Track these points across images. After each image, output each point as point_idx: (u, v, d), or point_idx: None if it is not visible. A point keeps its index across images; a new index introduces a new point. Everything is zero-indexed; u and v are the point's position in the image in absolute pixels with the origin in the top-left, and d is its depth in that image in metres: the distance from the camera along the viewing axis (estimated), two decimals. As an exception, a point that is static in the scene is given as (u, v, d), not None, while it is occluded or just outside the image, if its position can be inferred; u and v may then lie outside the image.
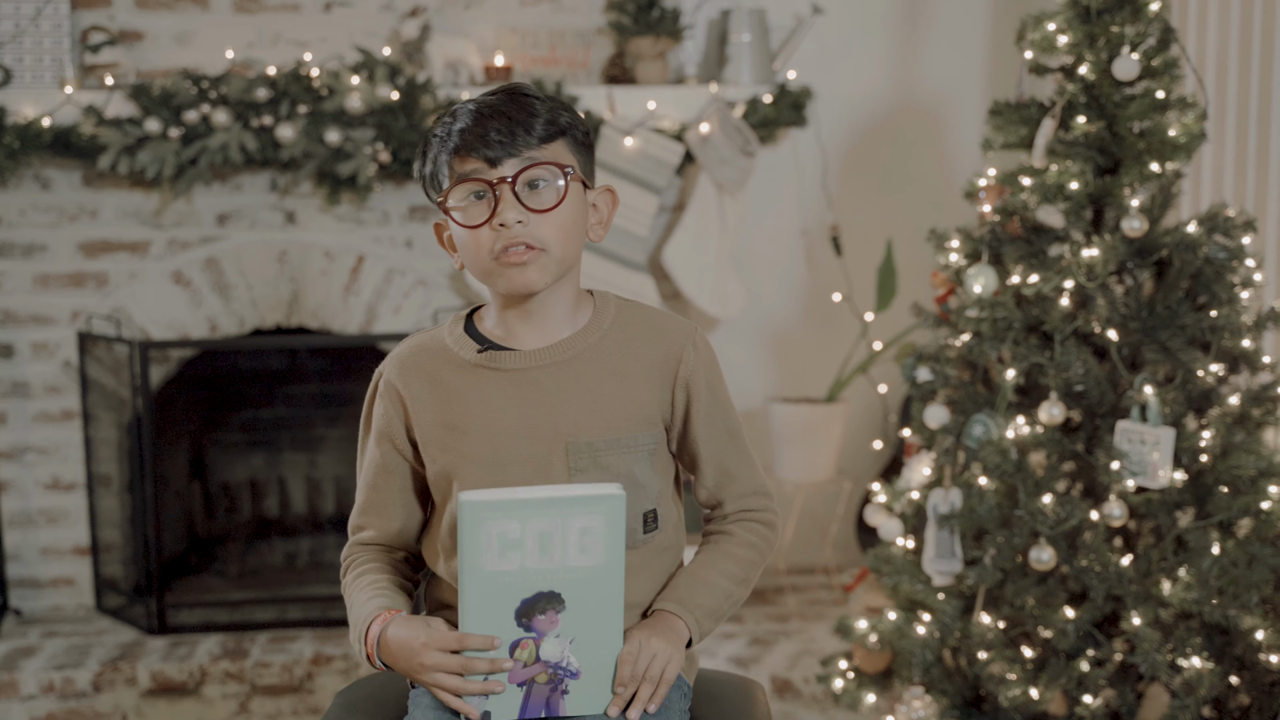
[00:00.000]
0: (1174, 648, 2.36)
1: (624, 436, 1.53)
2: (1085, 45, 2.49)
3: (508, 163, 1.47)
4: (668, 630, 1.52)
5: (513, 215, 1.47)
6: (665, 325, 1.59)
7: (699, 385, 1.57)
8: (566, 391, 1.53)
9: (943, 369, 2.58)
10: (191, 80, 3.19)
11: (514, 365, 1.54)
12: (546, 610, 1.41)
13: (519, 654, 1.42)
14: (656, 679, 1.47)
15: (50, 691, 3.07)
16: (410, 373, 1.57)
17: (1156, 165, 2.46)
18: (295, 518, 3.80)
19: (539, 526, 1.38)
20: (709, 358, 1.59)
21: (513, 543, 1.38)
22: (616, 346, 1.56)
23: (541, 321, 1.55)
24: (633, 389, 1.55)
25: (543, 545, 1.39)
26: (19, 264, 3.39)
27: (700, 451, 1.59)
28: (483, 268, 1.51)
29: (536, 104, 1.50)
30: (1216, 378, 2.45)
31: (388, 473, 1.59)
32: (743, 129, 3.37)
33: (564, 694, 1.45)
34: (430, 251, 3.48)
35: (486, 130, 1.46)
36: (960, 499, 2.50)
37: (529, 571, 1.39)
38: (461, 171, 1.48)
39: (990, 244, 2.56)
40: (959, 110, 3.75)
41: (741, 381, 3.75)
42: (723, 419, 1.60)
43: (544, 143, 1.49)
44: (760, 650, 3.21)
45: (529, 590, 1.40)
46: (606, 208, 1.59)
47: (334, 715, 1.67)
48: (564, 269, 1.52)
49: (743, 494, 1.62)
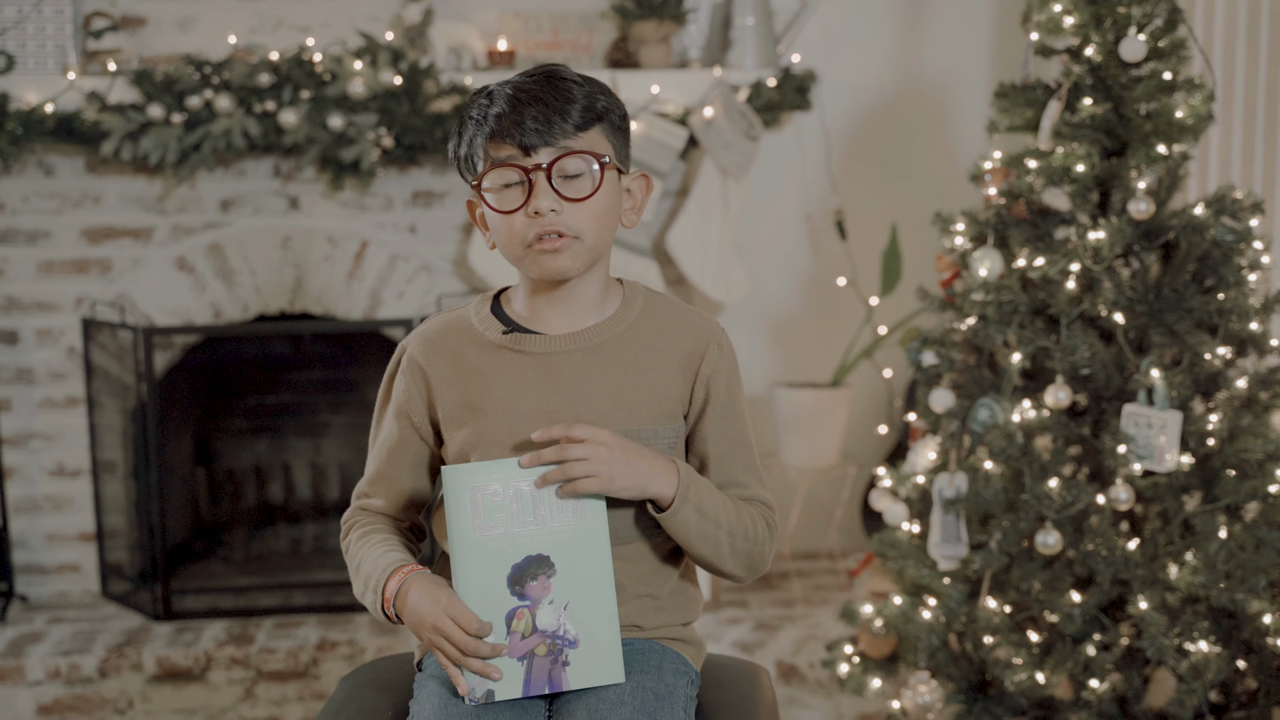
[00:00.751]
0: (1181, 632, 2.36)
1: (644, 429, 1.52)
2: (1091, 26, 2.47)
3: (543, 151, 1.46)
4: (644, 455, 1.47)
5: (547, 204, 1.46)
6: (693, 321, 1.58)
7: (719, 385, 1.56)
8: (589, 379, 1.52)
9: (948, 353, 2.57)
10: (194, 66, 3.18)
11: (538, 349, 1.53)
12: (538, 575, 1.44)
13: (516, 624, 1.44)
14: (571, 465, 1.43)
15: (56, 677, 3.07)
16: (434, 351, 1.57)
17: (1163, 147, 2.44)
18: (300, 503, 3.80)
19: (519, 486, 1.44)
20: (732, 361, 1.58)
21: (496, 505, 1.43)
22: (642, 338, 1.55)
23: (569, 307, 1.55)
24: (656, 381, 1.54)
25: (525, 506, 1.44)
26: (23, 250, 3.39)
27: (710, 453, 1.58)
28: (515, 253, 1.50)
29: (574, 89, 1.49)
30: (1224, 361, 2.44)
31: (402, 449, 1.59)
32: (746, 113, 3.36)
33: (565, 665, 1.46)
34: (434, 237, 3.47)
35: (523, 117, 1.46)
36: (966, 483, 2.49)
37: (515, 535, 1.44)
38: (497, 157, 1.48)
39: (996, 227, 2.55)
40: (964, 93, 3.73)
41: (746, 367, 3.72)
42: (736, 424, 1.58)
43: (580, 130, 1.48)
44: (765, 635, 3.21)
45: (518, 554, 1.44)
46: (641, 193, 1.58)
47: (338, 699, 1.67)
48: (596, 256, 1.52)
49: (747, 500, 1.60)
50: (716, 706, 1.63)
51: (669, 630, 1.59)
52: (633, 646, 1.54)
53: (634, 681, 1.49)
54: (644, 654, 1.54)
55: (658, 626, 1.58)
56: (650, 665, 1.52)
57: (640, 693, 1.47)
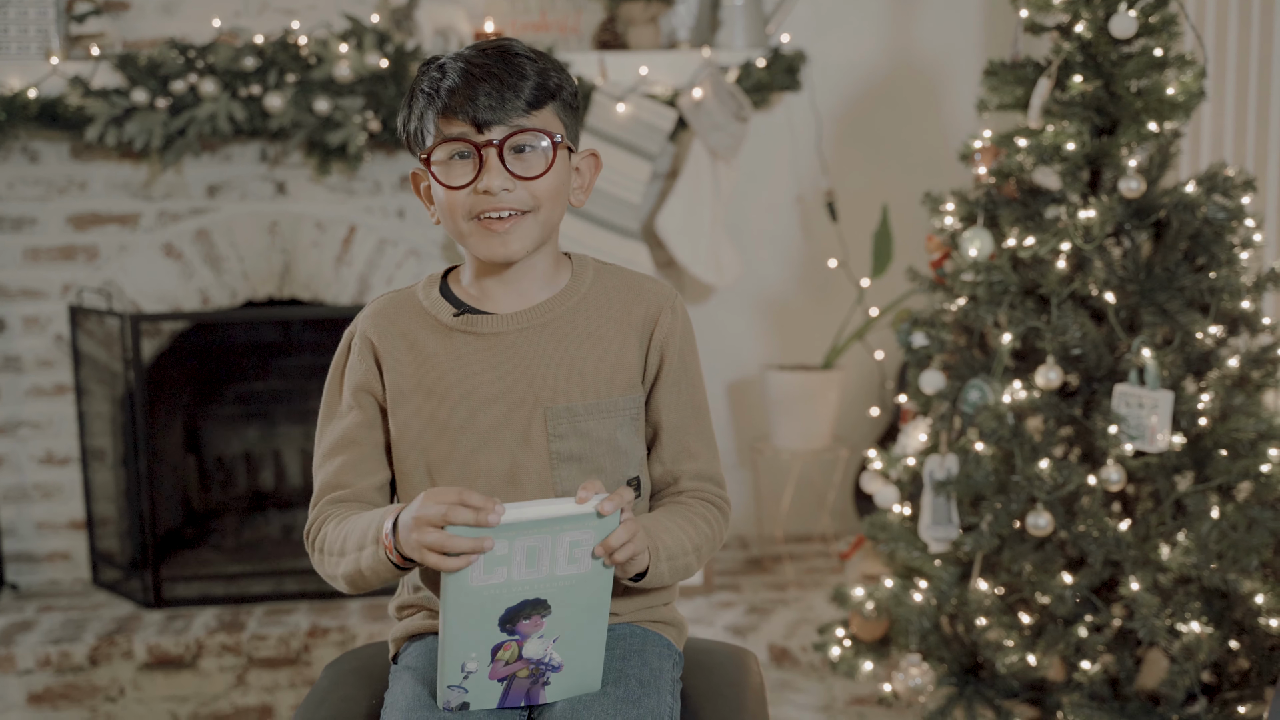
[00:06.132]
0: (1173, 613, 2.35)
1: (604, 401, 1.51)
2: (1082, 3, 2.45)
3: (496, 128, 1.44)
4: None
5: (499, 182, 1.44)
6: (644, 287, 1.57)
7: (672, 350, 1.54)
8: (544, 356, 1.51)
9: (938, 334, 2.55)
10: (178, 50, 3.15)
11: (490, 329, 1.52)
12: (531, 615, 1.37)
13: (502, 654, 1.39)
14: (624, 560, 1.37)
15: (47, 666, 3.06)
16: (386, 331, 1.54)
17: (1154, 125, 2.42)
18: (290, 490, 3.78)
19: (527, 543, 1.33)
20: (685, 326, 1.56)
21: (500, 559, 1.33)
22: (595, 309, 1.54)
23: (518, 285, 1.53)
24: (612, 352, 1.52)
25: (530, 559, 1.34)
26: (8, 237, 3.37)
27: (663, 420, 1.55)
28: (459, 228, 1.48)
29: (527, 65, 1.47)
30: (1216, 340, 2.43)
31: (369, 426, 1.54)
32: (736, 94, 3.34)
33: (545, 685, 1.43)
34: (423, 222, 3.45)
35: (476, 93, 1.43)
36: (957, 465, 2.48)
37: (515, 583, 1.35)
38: (448, 133, 1.46)
39: (986, 207, 2.53)
40: (954, 72, 3.71)
41: (737, 349, 3.73)
42: (690, 391, 1.56)
43: (533, 108, 1.46)
44: (757, 618, 3.20)
45: (514, 599, 1.36)
46: (590, 172, 1.56)
47: (322, 687, 1.66)
48: (546, 235, 1.50)
49: (700, 476, 1.57)
50: (704, 692, 1.62)
51: (650, 612, 1.58)
52: (614, 632, 1.52)
53: (616, 668, 1.47)
54: (625, 639, 1.53)
55: (637, 609, 1.56)
56: (633, 650, 1.51)
57: (624, 680, 1.46)
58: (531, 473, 1.51)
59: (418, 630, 1.58)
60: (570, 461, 1.51)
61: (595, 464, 1.51)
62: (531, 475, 1.51)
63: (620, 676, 1.46)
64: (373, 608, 3.28)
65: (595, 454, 1.51)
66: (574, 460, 1.51)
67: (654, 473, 1.58)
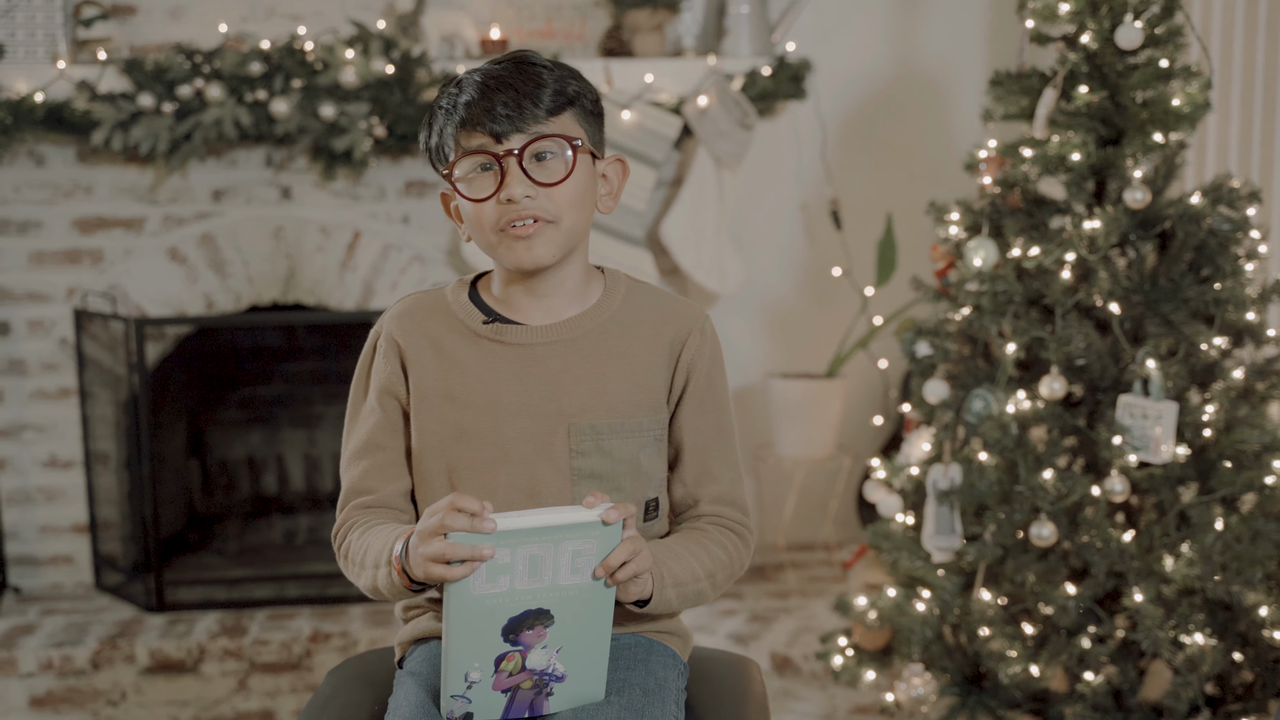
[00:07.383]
0: (1176, 624, 2.35)
1: (629, 421, 1.50)
2: (1088, 13, 2.45)
3: (515, 137, 1.44)
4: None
5: (520, 190, 1.44)
6: (676, 308, 1.56)
7: (699, 370, 1.54)
8: (571, 371, 1.50)
9: (942, 343, 2.55)
10: (185, 54, 3.16)
11: (519, 340, 1.51)
12: (534, 626, 1.36)
13: (505, 665, 1.38)
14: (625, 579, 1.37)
15: (49, 669, 3.06)
16: (413, 332, 1.53)
17: (1160, 136, 2.42)
18: (294, 495, 3.78)
19: (530, 551, 1.33)
20: (714, 348, 1.56)
21: (502, 568, 1.32)
22: (625, 327, 1.53)
23: (549, 298, 1.52)
24: (639, 372, 1.52)
25: (533, 568, 1.33)
26: (14, 241, 3.37)
27: (685, 442, 1.55)
28: (488, 240, 1.48)
29: (544, 74, 1.47)
30: (1220, 351, 2.43)
31: (392, 431, 1.54)
32: (741, 102, 3.34)
33: (548, 696, 1.42)
34: (427, 227, 3.45)
35: (493, 104, 1.44)
36: (960, 475, 2.48)
37: (518, 592, 1.34)
38: (467, 146, 1.46)
39: (991, 216, 2.53)
40: (959, 81, 3.71)
41: (741, 357, 3.73)
42: (715, 414, 1.56)
43: (551, 115, 1.46)
44: (760, 627, 3.20)
45: (517, 609, 1.35)
46: (617, 178, 1.55)
47: (325, 693, 1.65)
48: (572, 242, 1.50)
49: (721, 500, 1.56)
50: (706, 701, 1.62)
51: (655, 622, 1.57)
52: (618, 641, 1.52)
53: (621, 677, 1.47)
54: (630, 648, 1.52)
55: (642, 619, 1.56)
56: (637, 660, 1.51)
57: (628, 689, 1.46)
58: (552, 488, 1.50)
59: (424, 633, 1.57)
60: (591, 479, 1.50)
61: (616, 483, 1.51)
62: (552, 490, 1.50)
63: (624, 686, 1.46)
64: (375, 613, 3.28)
65: (616, 473, 1.51)
66: (595, 478, 1.50)
67: (675, 494, 1.58)
